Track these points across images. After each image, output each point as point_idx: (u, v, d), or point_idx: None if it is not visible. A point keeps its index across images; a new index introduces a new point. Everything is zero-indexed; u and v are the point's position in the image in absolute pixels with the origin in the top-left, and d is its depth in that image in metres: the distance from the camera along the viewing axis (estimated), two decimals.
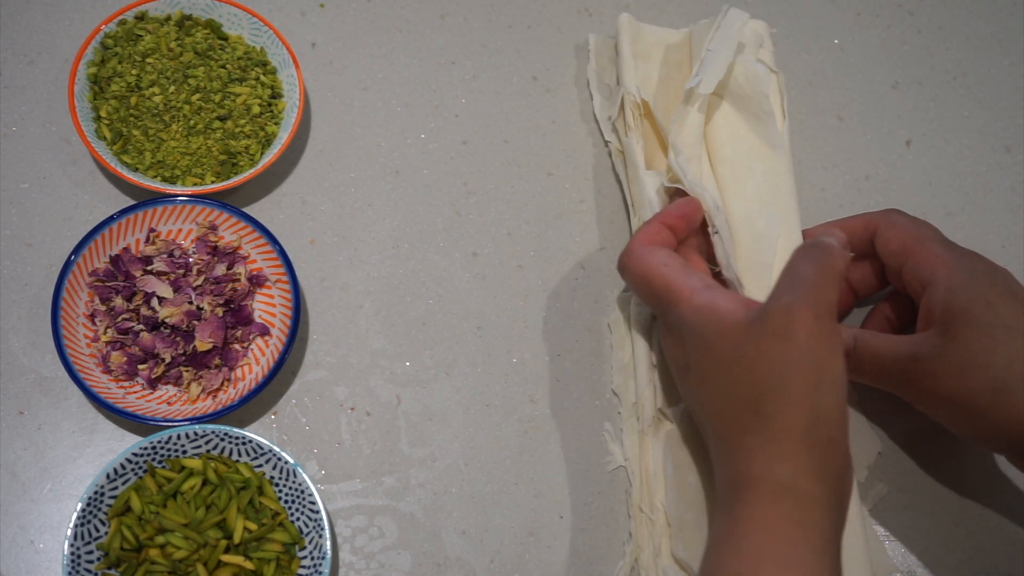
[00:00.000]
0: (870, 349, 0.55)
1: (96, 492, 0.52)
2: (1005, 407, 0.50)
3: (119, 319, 0.57)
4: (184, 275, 0.58)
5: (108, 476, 0.52)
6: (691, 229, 0.58)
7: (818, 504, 0.46)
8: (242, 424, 0.58)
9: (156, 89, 0.61)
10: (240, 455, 0.54)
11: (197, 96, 0.61)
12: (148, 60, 0.61)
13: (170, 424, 0.54)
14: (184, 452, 0.54)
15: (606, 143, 0.66)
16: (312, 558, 0.53)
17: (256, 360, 0.58)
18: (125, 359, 0.56)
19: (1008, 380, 0.50)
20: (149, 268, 0.58)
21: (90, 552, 0.52)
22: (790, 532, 0.45)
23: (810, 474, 0.46)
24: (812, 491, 0.46)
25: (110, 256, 0.58)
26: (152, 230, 0.59)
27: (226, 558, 0.52)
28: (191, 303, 0.57)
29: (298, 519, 0.54)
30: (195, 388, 0.57)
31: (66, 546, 0.51)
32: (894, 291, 0.60)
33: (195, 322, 0.57)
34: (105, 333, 0.57)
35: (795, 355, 0.46)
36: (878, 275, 0.60)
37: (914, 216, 0.58)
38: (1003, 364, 0.50)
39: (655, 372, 0.59)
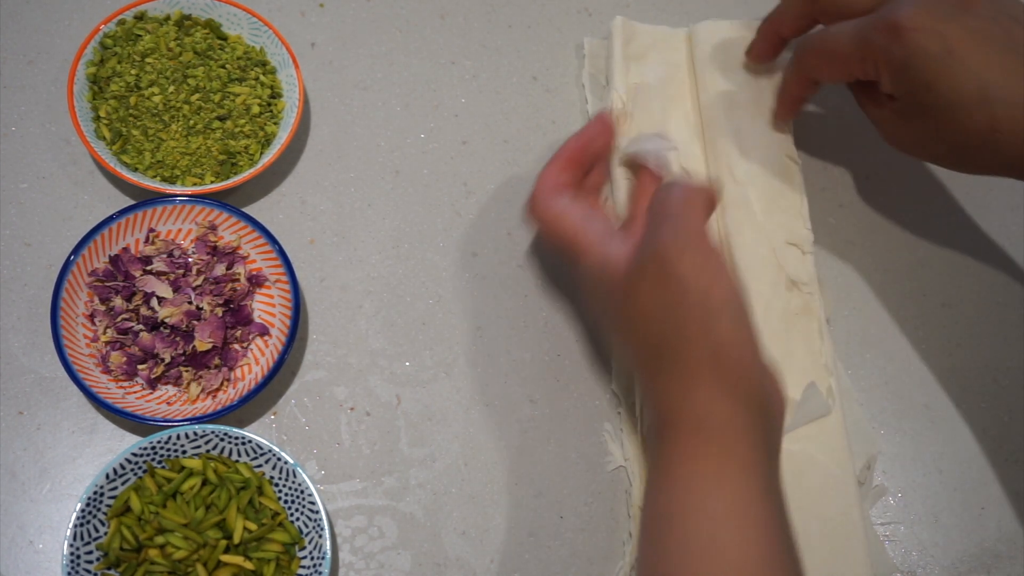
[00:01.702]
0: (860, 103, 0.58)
1: (96, 492, 0.52)
2: (992, 150, 0.51)
3: (119, 319, 0.57)
4: (184, 275, 0.58)
5: (108, 476, 0.52)
6: (596, 157, 0.58)
7: (735, 426, 0.46)
8: (242, 424, 0.58)
9: (155, 89, 0.61)
10: (240, 455, 0.54)
11: (197, 96, 0.61)
12: (147, 60, 0.61)
13: (170, 424, 0.54)
14: (184, 452, 0.54)
15: None
16: (312, 558, 0.53)
17: (256, 360, 0.58)
18: (125, 359, 0.56)
19: (992, 129, 0.50)
20: (149, 268, 0.58)
21: (90, 552, 0.51)
22: (712, 455, 0.46)
23: (724, 399, 0.46)
24: (728, 414, 0.46)
25: (110, 256, 0.58)
26: (152, 230, 0.59)
27: (226, 558, 0.52)
28: (191, 303, 0.57)
29: (298, 519, 0.54)
30: (195, 388, 0.57)
31: (66, 546, 0.50)
32: None
33: (195, 322, 0.57)
34: (105, 333, 0.57)
35: (678, 294, 0.47)
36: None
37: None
38: (982, 122, 0.50)
39: None
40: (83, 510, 0.51)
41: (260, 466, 0.54)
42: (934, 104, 0.51)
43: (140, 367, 0.57)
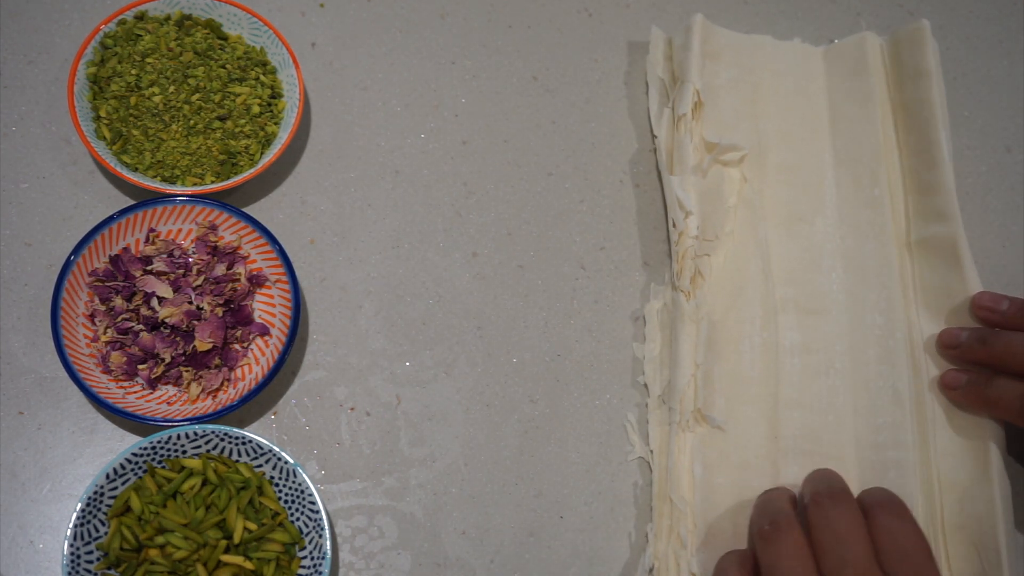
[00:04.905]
0: None
1: (96, 492, 0.52)
2: None
3: (119, 319, 0.57)
4: (184, 275, 0.58)
5: (108, 476, 0.52)
6: None
7: None
8: (242, 424, 0.58)
9: (156, 89, 0.61)
10: (240, 455, 0.54)
11: (197, 96, 0.61)
12: (148, 60, 0.61)
13: (170, 424, 0.54)
14: (184, 452, 0.54)
15: (653, 137, 0.66)
16: (312, 558, 0.53)
17: (256, 360, 0.58)
18: (125, 359, 0.56)
19: None
20: (149, 268, 0.58)
21: (90, 552, 0.52)
22: None
23: None
24: None
25: (110, 256, 0.58)
26: (152, 230, 0.59)
27: (226, 558, 0.52)
28: (191, 303, 0.57)
29: (298, 519, 0.54)
30: (195, 388, 0.57)
31: (66, 546, 0.51)
32: None
33: (195, 322, 0.57)
34: (105, 333, 0.57)
35: None
36: None
37: None
38: None
39: (698, 371, 0.58)
40: (83, 510, 0.51)
41: (260, 466, 0.54)
42: None
43: (140, 367, 0.57)
